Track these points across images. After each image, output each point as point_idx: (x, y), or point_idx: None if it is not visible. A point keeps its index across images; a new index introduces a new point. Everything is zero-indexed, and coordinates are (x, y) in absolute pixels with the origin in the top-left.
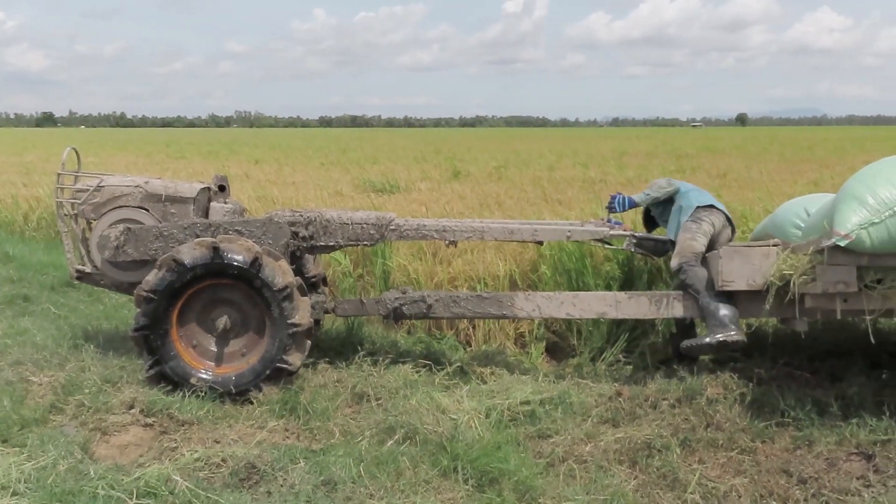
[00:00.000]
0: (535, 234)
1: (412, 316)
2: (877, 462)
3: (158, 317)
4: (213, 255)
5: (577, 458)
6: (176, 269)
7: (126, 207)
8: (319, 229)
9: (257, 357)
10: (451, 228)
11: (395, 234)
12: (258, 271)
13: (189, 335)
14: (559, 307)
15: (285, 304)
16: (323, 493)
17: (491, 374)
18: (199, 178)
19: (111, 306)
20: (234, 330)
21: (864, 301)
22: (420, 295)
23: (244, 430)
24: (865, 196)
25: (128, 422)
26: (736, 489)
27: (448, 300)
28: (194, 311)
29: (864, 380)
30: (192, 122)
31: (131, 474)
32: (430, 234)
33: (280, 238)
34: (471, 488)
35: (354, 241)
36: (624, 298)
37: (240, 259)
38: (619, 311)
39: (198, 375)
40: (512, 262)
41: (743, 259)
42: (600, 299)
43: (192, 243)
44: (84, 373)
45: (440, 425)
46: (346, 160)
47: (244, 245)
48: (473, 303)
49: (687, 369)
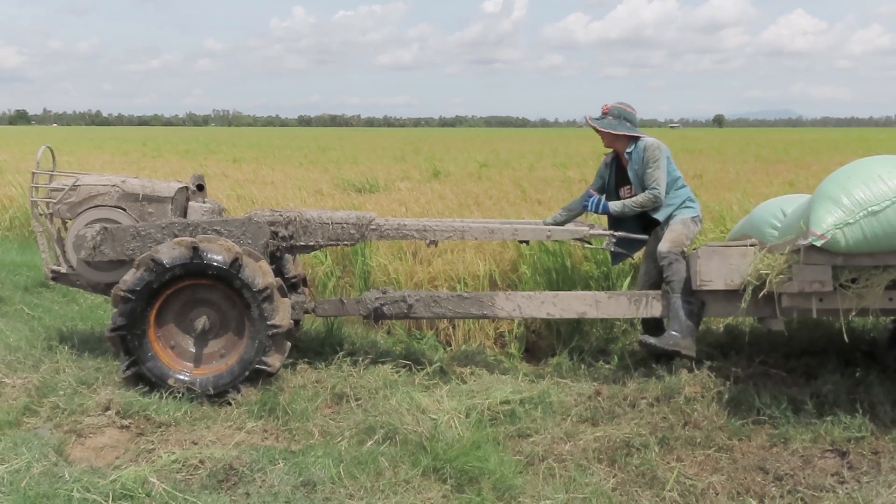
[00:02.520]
0: (515, 233)
1: (393, 316)
2: (851, 459)
3: (136, 317)
4: (193, 255)
5: (557, 457)
6: (154, 269)
7: (102, 207)
8: (299, 229)
9: (236, 358)
10: (432, 228)
11: (375, 234)
12: (238, 272)
13: (167, 336)
14: (539, 307)
15: (265, 306)
16: (302, 494)
17: (471, 374)
18: (176, 177)
19: (86, 307)
20: (213, 331)
21: (839, 300)
22: (401, 295)
23: (222, 432)
24: (840, 197)
25: (103, 423)
26: (713, 486)
27: (429, 300)
28: (172, 312)
29: (838, 378)
30: (169, 121)
31: (107, 477)
32: (410, 234)
33: (259, 238)
34: (450, 488)
35: (335, 240)
36: (604, 298)
37: (219, 259)
38: (599, 311)
39: (175, 376)
40: (492, 261)
41: (721, 259)
42: (580, 299)
43: (170, 243)
44: (59, 374)
45: (420, 425)
46: (325, 160)
47: (224, 245)
48: (454, 303)
49: (665, 368)
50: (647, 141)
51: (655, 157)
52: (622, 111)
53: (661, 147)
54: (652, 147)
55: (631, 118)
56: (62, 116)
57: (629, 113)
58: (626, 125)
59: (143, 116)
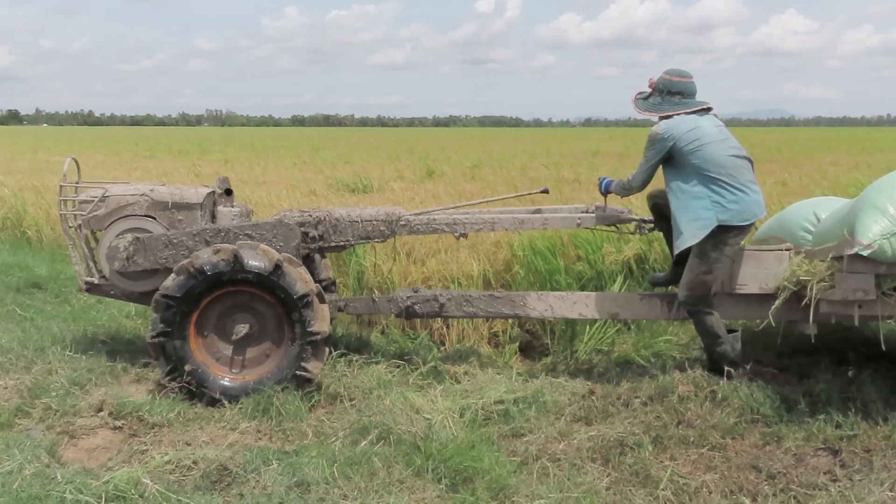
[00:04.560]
0: (545, 223)
1: (424, 315)
2: (843, 457)
3: (176, 323)
4: (234, 262)
5: (551, 457)
6: (195, 276)
7: (132, 217)
8: (329, 228)
9: (275, 364)
10: (462, 221)
11: (405, 230)
12: (279, 279)
13: (208, 342)
14: (571, 307)
15: (305, 312)
16: (296, 495)
17: (465, 374)
18: (170, 177)
19: (78, 308)
20: (253, 337)
21: (880, 307)
22: (432, 294)
23: (216, 432)
24: (886, 206)
25: (96, 425)
26: (707, 485)
27: (460, 299)
28: (213, 318)
29: (830, 377)
30: (161, 121)
31: (100, 478)
32: (440, 228)
33: (290, 240)
34: (444, 488)
35: (365, 238)
36: (636, 300)
37: (260, 266)
38: (631, 312)
39: (217, 382)
40: (485, 261)
41: (756, 262)
42: (612, 300)
43: (209, 249)
44: (51, 375)
45: (414, 425)
46: (318, 160)
47: (264, 251)
48: (486, 302)
49: (658, 367)
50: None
51: (647, 144)
52: (667, 83)
53: (663, 135)
54: (651, 135)
55: (680, 88)
56: (54, 116)
57: (677, 83)
58: (671, 101)
59: (135, 116)
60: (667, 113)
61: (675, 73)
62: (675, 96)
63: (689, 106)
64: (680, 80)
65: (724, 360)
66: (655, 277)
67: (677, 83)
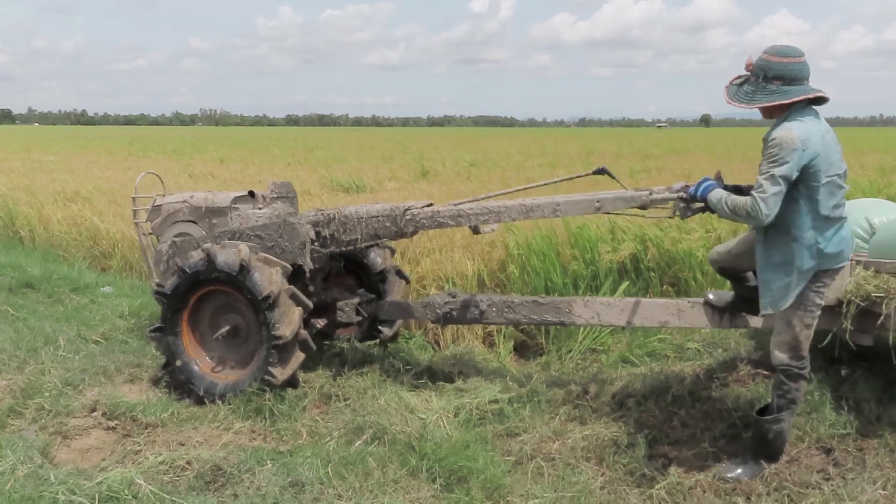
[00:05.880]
0: (556, 209)
1: (463, 321)
2: (836, 455)
3: (169, 319)
4: (207, 261)
5: (545, 456)
6: (180, 275)
7: (179, 223)
8: (339, 227)
9: (254, 366)
10: (466, 213)
11: (411, 225)
12: (245, 278)
13: (202, 340)
14: (619, 315)
15: (269, 314)
16: (290, 495)
17: (459, 374)
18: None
19: (71, 308)
20: (242, 338)
21: None
22: (472, 299)
23: (210, 432)
24: None
25: (89, 425)
26: (700, 484)
27: (502, 305)
28: (205, 317)
29: (823, 376)
30: (156, 120)
31: (93, 479)
32: (445, 222)
33: (296, 239)
34: (439, 487)
35: (373, 235)
36: (687, 307)
37: (228, 264)
38: (681, 321)
39: (203, 379)
40: (480, 261)
41: None
42: (662, 307)
43: (197, 250)
44: (44, 376)
45: (409, 425)
46: (313, 159)
47: (236, 251)
48: (529, 308)
49: (651, 368)
50: (782, 128)
51: (774, 153)
52: (764, 65)
53: (798, 141)
54: (779, 140)
55: (780, 72)
56: (47, 116)
57: (776, 65)
58: (766, 89)
59: (129, 116)
60: (761, 105)
61: (775, 51)
62: (773, 82)
63: (790, 95)
64: (781, 60)
65: (776, 441)
66: (721, 297)
67: (777, 65)
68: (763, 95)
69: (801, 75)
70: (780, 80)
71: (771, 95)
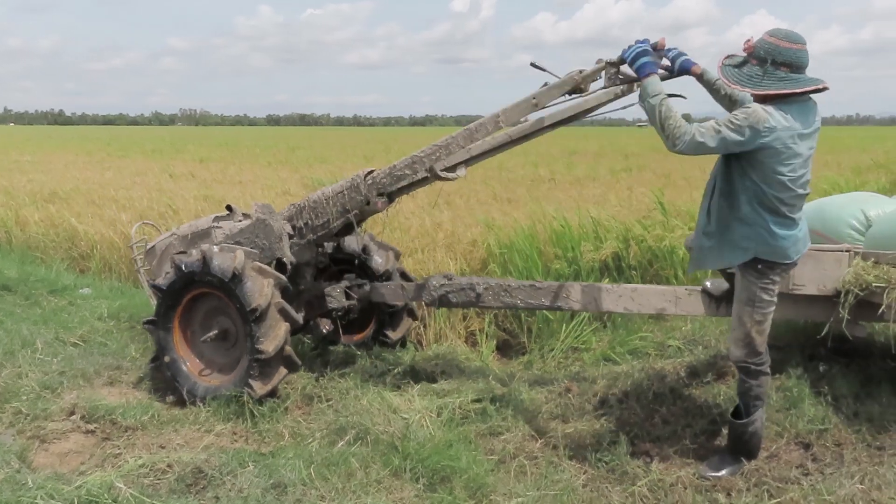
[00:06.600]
0: (497, 120)
1: (459, 304)
2: (814, 451)
3: (162, 314)
4: (202, 263)
5: (528, 455)
6: (176, 272)
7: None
8: (310, 213)
9: (237, 374)
10: (420, 157)
11: (374, 189)
12: (236, 286)
13: (192, 339)
14: (617, 301)
15: (255, 327)
16: (273, 497)
17: (442, 373)
18: (143, 177)
19: (49, 310)
20: (231, 342)
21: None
22: (468, 282)
23: (191, 435)
24: None
25: (68, 429)
26: (682, 481)
27: (499, 289)
28: (198, 317)
29: (801, 372)
30: (134, 120)
31: (72, 483)
32: (402, 173)
33: (272, 236)
34: (422, 487)
35: (343, 212)
36: (684, 295)
37: (220, 269)
38: (678, 308)
39: (188, 379)
40: (462, 260)
41: (815, 263)
42: (660, 294)
43: (195, 250)
44: (21, 379)
45: (391, 425)
46: (294, 159)
47: (233, 256)
48: (526, 292)
49: (633, 365)
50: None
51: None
52: (772, 49)
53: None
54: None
55: (789, 58)
56: (23, 116)
57: (786, 51)
58: (775, 75)
59: (107, 115)
60: (766, 91)
61: (783, 35)
62: (782, 68)
63: (799, 84)
64: (790, 45)
65: (752, 441)
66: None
67: (787, 51)
68: (772, 82)
69: (806, 63)
70: (788, 66)
71: (780, 83)
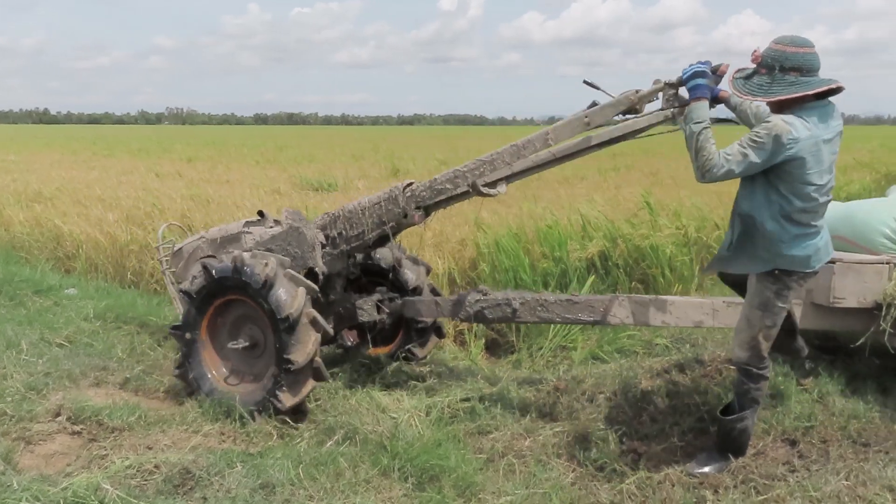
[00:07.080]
0: (547, 138)
1: (495, 320)
2: (801, 448)
3: (191, 318)
4: (234, 269)
5: (517, 453)
6: (208, 277)
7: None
8: (345, 223)
9: (262, 385)
10: (462, 172)
11: (412, 202)
12: (267, 294)
13: (219, 345)
14: (654, 315)
15: (285, 336)
16: (261, 497)
17: (431, 373)
18: (129, 176)
19: (34, 311)
20: (259, 351)
21: None
22: (504, 297)
23: (178, 435)
24: None
25: (54, 430)
26: (669, 479)
27: (535, 304)
28: (228, 323)
29: (788, 370)
30: (121, 119)
31: (58, 484)
32: (444, 187)
33: (304, 244)
34: (411, 486)
35: (379, 223)
36: (722, 307)
37: (251, 276)
38: (716, 320)
39: (210, 385)
40: (451, 259)
41: (856, 276)
42: (697, 307)
43: (226, 255)
44: (5, 380)
45: (380, 424)
46: (282, 158)
47: (266, 263)
48: (563, 307)
49: (621, 364)
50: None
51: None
52: (779, 56)
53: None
54: (773, 126)
55: (798, 63)
56: (8, 114)
57: (793, 56)
58: (784, 80)
59: (93, 114)
60: (777, 97)
61: (789, 41)
62: (791, 73)
63: (811, 86)
64: (797, 50)
65: (741, 438)
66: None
67: (794, 55)
68: (781, 87)
69: (816, 66)
70: (797, 70)
71: (790, 87)
